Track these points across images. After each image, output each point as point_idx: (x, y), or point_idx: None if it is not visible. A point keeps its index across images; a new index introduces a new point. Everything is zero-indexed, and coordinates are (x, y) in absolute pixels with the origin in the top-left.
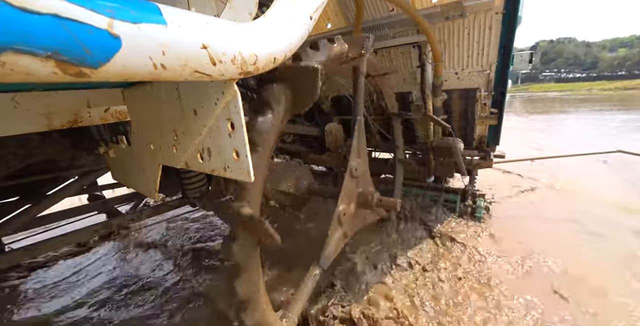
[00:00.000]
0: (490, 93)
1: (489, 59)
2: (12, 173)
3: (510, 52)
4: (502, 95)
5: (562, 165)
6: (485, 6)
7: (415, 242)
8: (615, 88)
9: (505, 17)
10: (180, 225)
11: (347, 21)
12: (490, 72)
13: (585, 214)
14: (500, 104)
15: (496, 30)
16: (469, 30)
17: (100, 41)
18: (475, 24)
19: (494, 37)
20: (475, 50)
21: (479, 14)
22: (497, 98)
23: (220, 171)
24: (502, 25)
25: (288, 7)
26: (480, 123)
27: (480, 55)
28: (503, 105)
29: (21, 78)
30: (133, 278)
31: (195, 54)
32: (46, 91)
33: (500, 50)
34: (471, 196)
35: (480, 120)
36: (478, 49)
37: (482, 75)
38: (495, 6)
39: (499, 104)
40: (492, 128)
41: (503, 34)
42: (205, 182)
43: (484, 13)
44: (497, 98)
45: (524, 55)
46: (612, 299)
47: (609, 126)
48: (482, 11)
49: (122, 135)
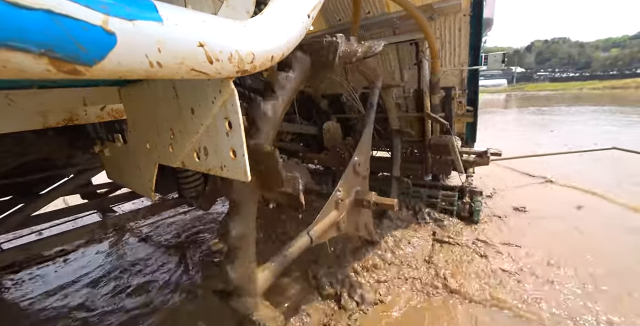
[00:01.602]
0: (464, 92)
1: (461, 59)
2: (6, 171)
3: (479, 53)
4: (475, 93)
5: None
6: (453, 9)
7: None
8: (603, 88)
9: (472, 19)
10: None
11: (328, 23)
12: (463, 71)
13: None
14: (474, 102)
15: (465, 31)
16: (441, 32)
17: (94, 38)
18: (446, 26)
19: (463, 38)
20: (448, 50)
21: (449, 16)
22: (471, 96)
23: (217, 170)
24: (470, 27)
25: (285, 5)
26: (458, 121)
27: (452, 56)
28: (477, 103)
29: (14, 74)
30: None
31: (192, 51)
32: (41, 89)
33: (470, 51)
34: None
35: (457, 117)
36: (450, 50)
37: (456, 75)
38: (463, 9)
39: (474, 102)
40: (469, 125)
41: (472, 36)
42: (201, 181)
43: (453, 15)
44: (471, 96)
45: (498, 56)
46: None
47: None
48: (451, 13)
49: (118, 134)
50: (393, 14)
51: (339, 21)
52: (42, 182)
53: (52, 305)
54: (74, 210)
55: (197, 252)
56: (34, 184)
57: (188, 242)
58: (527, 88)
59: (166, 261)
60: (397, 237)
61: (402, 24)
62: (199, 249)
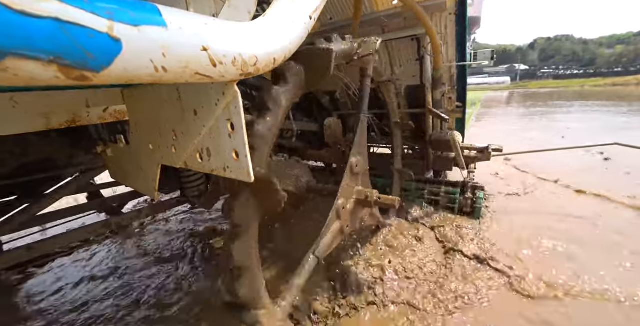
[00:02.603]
0: (454, 88)
1: (449, 56)
2: (10, 172)
3: (465, 49)
4: (463, 89)
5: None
6: (439, 8)
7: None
8: (604, 85)
9: (458, 17)
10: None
11: (320, 22)
12: (451, 68)
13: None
14: (463, 98)
15: (451, 29)
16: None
17: (101, 44)
18: (433, 23)
19: (450, 36)
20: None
21: (435, 15)
22: (460, 92)
23: (220, 171)
24: (455, 25)
25: (287, 7)
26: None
27: (441, 53)
28: (465, 99)
29: (25, 82)
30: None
31: (196, 55)
32: (45, 91)
33: (457, 48)
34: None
35: (447, 114)
36: (440, 47)
37: (445, 71)
38: (448, 7)
39: (462, 98)
40: (458, 121)
41: (458, 33)
42: (204, 180)
43: (439, 14)
44: (460, 92)
45: (487, 53)
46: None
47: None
48: (437, 12)
49: (120, 135)
50: (382, 12)
51: (330, 20)
52: (47, 182)
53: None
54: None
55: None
56: (39, 184)
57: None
58: (530, 85)
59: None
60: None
61: (390, 22)
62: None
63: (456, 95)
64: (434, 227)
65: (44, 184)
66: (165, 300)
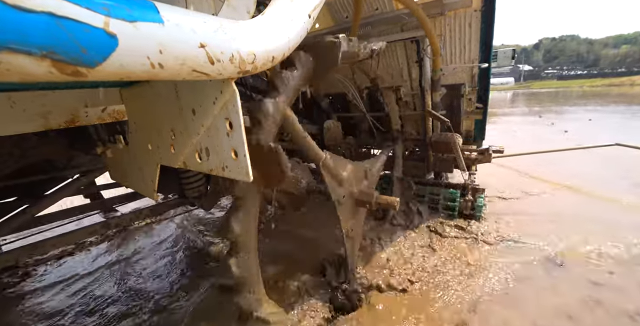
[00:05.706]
0: (474, 89)
1: (471, 55)
2: (9, 173)
3: (491, 49)
4: (485, 90)
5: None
6: (464, 4)
7: None
8: (602, 85)
9: (484, 14)
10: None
11: (334, 20)
12: (473, 68)
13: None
14: (484, 99)
15: (476, 27)
16: (451, 27)
17: (96, 40)
18: (456, 21)
19: (474, 34)
20: (457, 46)
21: (459, 12)
22: (481, 93)
23: (219, 171)
24: (481, 22)
25: (286, 6)
26: (467, 119)
27: (462, 52)
28: (487, 100)
29: (17, 77)
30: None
31: (193, 52)
32: (43, 90)
33: (481, 47)
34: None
35: (466, 115)
36: (460, 46)
37: (466, 71)
38: (474, 4)
39: (484, 99)
40: (478, 122)
41: (483, 31)
42: (204, 181)
43: (463, 10)
44: (482, 93)
45: (507, 52)
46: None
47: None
48: (461, 9)
49: (119, 135)
50: (402, 10)
51: (345, 18)
52: (46, 183)
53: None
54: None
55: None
56: (39, 185)
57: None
58: (533, 86)
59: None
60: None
61: (410, 20)
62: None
63: (476, 96)
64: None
65: (44, 185)
66: (167, 301)
